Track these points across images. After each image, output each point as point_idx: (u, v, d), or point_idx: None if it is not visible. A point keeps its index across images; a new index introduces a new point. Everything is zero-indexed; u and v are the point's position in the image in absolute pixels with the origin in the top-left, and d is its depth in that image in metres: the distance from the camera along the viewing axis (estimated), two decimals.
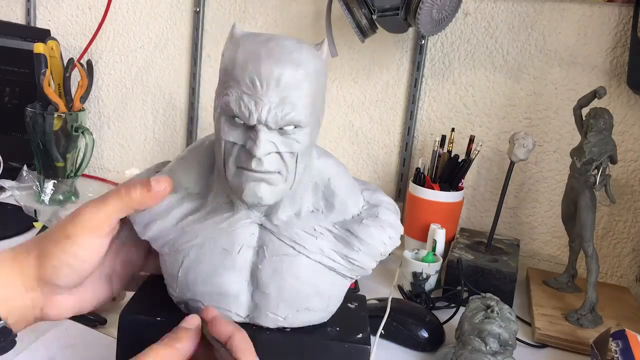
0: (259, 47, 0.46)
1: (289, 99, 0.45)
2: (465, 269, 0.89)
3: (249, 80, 0.45)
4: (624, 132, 1.03)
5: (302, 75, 0.46)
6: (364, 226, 0.52)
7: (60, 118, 1.12)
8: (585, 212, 0.85)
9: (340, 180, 0.54)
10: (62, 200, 1.16)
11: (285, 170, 0.48)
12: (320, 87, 0.48)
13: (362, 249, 0.52)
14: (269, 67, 0.45)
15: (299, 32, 1.21)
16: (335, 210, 0.53)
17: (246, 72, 0.45)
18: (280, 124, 0.46)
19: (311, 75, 0.47)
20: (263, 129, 0.45)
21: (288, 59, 0.46)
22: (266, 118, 0.45)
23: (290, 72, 0.45)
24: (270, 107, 0.45)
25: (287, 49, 0.46)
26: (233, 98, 0.46)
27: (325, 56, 0.50)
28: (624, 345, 0.67)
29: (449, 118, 1.13)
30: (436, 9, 0.92)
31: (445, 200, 1.02)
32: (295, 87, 0.45)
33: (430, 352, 0.74)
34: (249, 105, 0.45)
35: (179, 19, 1.31)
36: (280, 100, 0.45)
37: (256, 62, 0.45)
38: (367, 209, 0.55)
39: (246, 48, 0.46)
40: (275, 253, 0.50)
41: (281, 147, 0.47)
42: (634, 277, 1.05)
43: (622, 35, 1.00)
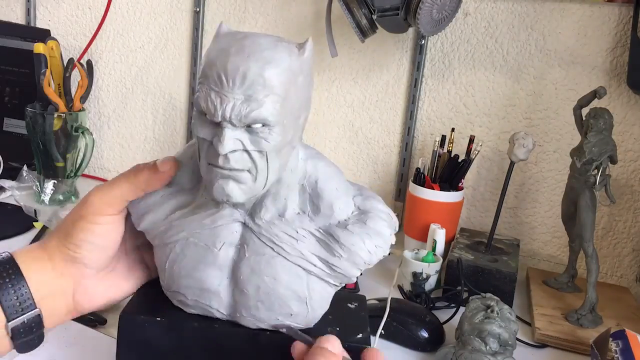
0: (232, 44, 0.46)
1: (255, 96, 0.45)
2: (465, 269, 0.89)
3: (216, 76, 0.45)
4: (624, 132, 1.03)
5: (270, 74, 0.45)
6: (347, 232, 0.51)
7: (60, 118, 1.12)
8: (585, 212, 0.85)
9: (328, 183, 0.53)
10: (62, 200, 1.16)
11: (254, 169, 0.47)
12: (295, 87, 0.47)
13: (344, 256, 0.51)
14: (236, 64, 0.44)
15: (299, 32, 1.21)
16: (321, 213, 0.52)
17: (214, 68, 0.45)
18: (245, 121, 0.45)
19: (282, 73, 0.45)
20: (227, 126, 0.45)
21: (258, 56, 0.45)
22: (230, 115, 0.45)
23: (257, 69, 0.44)
24: (235, 103, 0.44)
25: (260, 46, 0.46)
26: (202, 94, 0.46)
27: (308, 55, 0.48)
28: (624, 345, 0.67)
29: (449, 118, 1.13)
30: (436, 9, 0.92)
31: (445, 200, 1.02)
32: (262, 84, 0.45)
33: (430, 352, 0.74)
34: (215, 102, 0.45)
35: (179, 19, 1.31)
36: (245, 98, 0.45)
37: (225, 58, 0.45)
38: (356, 215, 0.53)
39: (220, 45, 0.46)
40: (254, 252, 0.50)
41: (249, 146, 0.46)
42: (634, 277, 1.04)
43: (622, 35, 1.00)
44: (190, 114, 1.32)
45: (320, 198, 0.52)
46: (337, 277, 0.52)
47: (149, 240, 0.54)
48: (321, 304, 0.53)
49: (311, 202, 0.52)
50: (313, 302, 0.52)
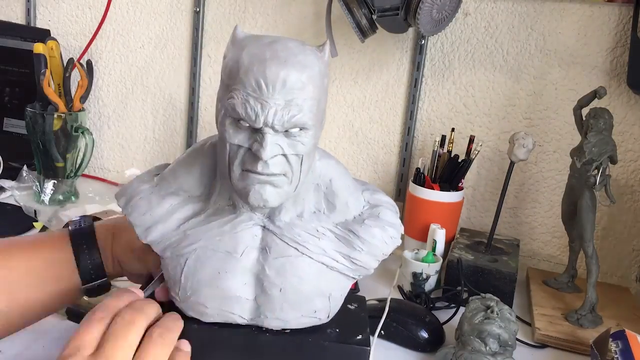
0: (264, 49, 0.46)
1: (295, 101, 0.45)
2: (465, 269, 0.89)
3: (254, 83, 0.45)
4: (624, 132, 1.03)
5: (307, 78, 0.46)
6: (365, 226, 0.53)
7: (60, 118, 1.12)
8: (585, 212, 0.85)
9: (342, 181, 0.54)
10: (62, 200, 1.16)
11: (290, 172, 0.48)
12: (323, 89, 0.49)
13: (365, 249, 0.53)
14: (275, 70, 0.45)
15: (299, 32, 1.21)
16: (337, 210, 0.54)
17: (252, 75, 0.45)
18: (287, 126, 0.46)
19: (315, 77, 0.47)
20: (269, 132, 0.46)
21: (294, 61, 0.46)
22: (272, 120, 0.45)
23: (296, 74, 0.45)
24: (277, 109, 0.45)
25: (292, 51, 0.46)
26: (239, 101, 0.45)
27: (327, 58, 0.50)
28: (623, 345, 0.67)
29: (449, 118, 1.13)
30: (436, 9, 0.92)
31: (445, 200, 1.02)
32: (301, 89, 0.46)
33: (430, 352, 0.74)
34: (255, 108, 0.45)
35: (179, 19, 1.31)
36: (286, 103, 0.45)
37: (261, 64, 0.45)
38: (368, 209, 0.55)
39: (251, 50, 0.46)
40: (278, 254, 0.51)
41: (287, 150, 0.47)
42: (634, 277, 1.04)
43: (622, 35, 1.00)
44: (189, 114, 1.33)
45: (335, 196, 0.54)
46: (357, 270, 0.54)
47: (157, 252, 0.53)
48: (341, 298, 0.55)
49: (326, 200, 0.54)
50: (334, 296, 0.54)
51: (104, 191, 1.27)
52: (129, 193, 0.55)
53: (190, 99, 1.32)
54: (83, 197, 1.20)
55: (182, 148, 1.35)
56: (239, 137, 0.47)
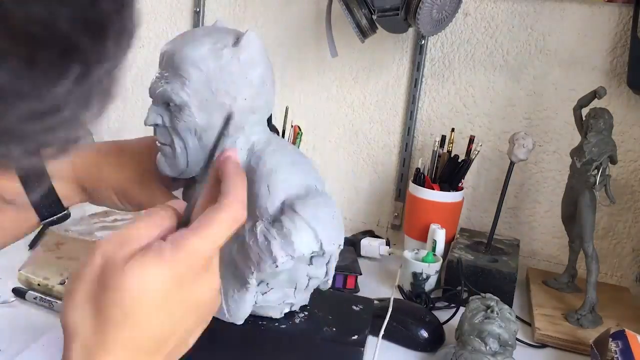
0: (184, 33, 0.54)
1: (166, 76, 0.51)
2: (465, 269, 0.89)
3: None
4: (624, 132, 1.02)
5: (182, 59, 0.50)
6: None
7: None
8: (585, 212, 0.85)
9: (265, 179, 0.53)
10: None
11: (172, 144, 0.53)
12: (219, 75, 0.51)
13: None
14: (166, 46, 0.52)
15: (299, 32, 1.21)
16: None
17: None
18: (157, 97, 0.52)
19: (200, 60, 0.50)
20: (152, 101, 0.53)
21: (181, 42, 0.51)
22: (150, 89, 0.53)
23: (171, 52, 0.51)
24: (155, 80, 0.52)
25: (193, 35, 0.52)
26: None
27: (245, 45, 0.51)
28: (623, 345, 0.67)
29: (449, 118, 1.13)
30: (436, 9, 0.92)
31: (445, 200, 1.02)
32: (174, 67, 0.51)
33: (430, 352, 0.74)
34: (153, 78, 0.53)
35: (179, 19, 1.30)
36: (161, 76, 0.52)
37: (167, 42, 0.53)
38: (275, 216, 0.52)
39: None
40: None
41: (167, 122, 0.53)
42: (634, 277, 1.04)
43: (622, 35, 1.00)
44: None
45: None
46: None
47: None
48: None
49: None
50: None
51: None
52: None
53: None
54: None
55: None
56: None
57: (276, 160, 0.53)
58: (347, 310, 0.57)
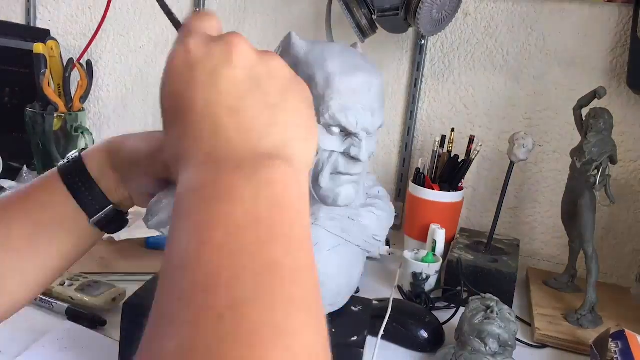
0: (346, 57, 0.55)
1: (377, 107, 0.55)
2: (465, 269, 0.89)
3: (350, 91, 0.53)
4: (624, 132, 1.02)
5: (382, 86, 0.57)
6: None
7: (60, 118, 1.12)
8: (586, 212, 0.85)
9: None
10: None
11: (364, 171, 0.57)
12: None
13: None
14: (362, 79, 0.53)
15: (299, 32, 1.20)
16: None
17: (343, 84, 0.52)
18: (373, 130, 0.54)
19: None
20: (364, 136, 0.54)
21: (372, 70, 0.55)
22: (366, 125, 0.53)
23: (377, 82, 0.55)
24: (368, 115, 0.54)
25: (362, 59, 0.55)
26: (336, 109, 0.52)
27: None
28: (623, 345, 0.67)
29: (449, 118, 1.13)
30: (436, 9, 0.92)
31: (445, 200, 1.02)
32: (380, 96, 0.56)
33: (430, 352, 0.74)
34: (354, 115, 0.53)
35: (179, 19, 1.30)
36: (372, 110, 0.53)
37: (351, 73, 0.53)
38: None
39: (337, 57, 0.55)
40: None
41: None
42: (634, 277, 1.04)
43: (622, 35, 1.00)
44: None
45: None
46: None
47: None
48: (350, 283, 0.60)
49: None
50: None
51: None
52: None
53: None
54: None
55: None
56: (329, 143, 0.52)
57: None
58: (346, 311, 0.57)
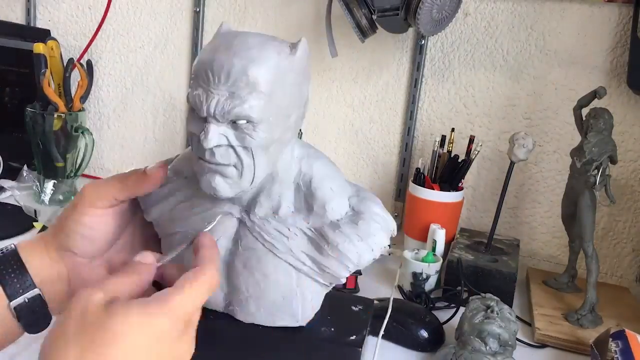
0: (222, 43, 0.47)
1: (238, 93, 0.46)
2: (465, 269, 0.89)
3: (204, 73, 0.46)
4: (624, 132, 1.02)
5: (255, 71, 0.46)
6: (338, 232, 0.51)
7: (60, 118, 1.12)
8: (585, 212, 0.85)
9: (323, 183, 0.53)
10: (62, 200, 1.16)
11: (240, 164, 0.48)
12: (283, 86, 0.48)
13: (333, 256, 0.51)
14: (221, 61, 0.46)
15: (299, 32, 1.20)
16: (314, 213, 0.52)
17: (203, 65, 0.46)
18: (228, 117, 0.46)
19: (268, 72, 0.46)
20: (212, 121, 0.47)
21: (244, 54, 0.46)
22: (214, 110, 0.46)
23: (240, 66, 0.46)
24: (219, 99, 0.46)
25: (247, 44, 0.47)
26: (191, 90, 0.47)
27: (300, 55, 0.49)
28: (623, 345, 0.67)
29: (449, 118, 1.13)
30: (436, 9, 0.92)
31: (445, 200, 1.02)
32: (246, 82, 0.46)
33: (430, 352, 0.74)
34: (201, 97, 0.46)
35: (179, 19, 1.30)
36: (229, 94, 0.46)
37: (212, 56, 0.46)
38: (349, 216, 0.53)
39: (212, 43, 0.48)
40: (247, 248, 0.51)
41: (233, 141, 0.47)
42: (634, 277, 1.04)
43: (622, 35, 1.00)
44: None
45: (313, 197, 0.52)
46: (325, 276, 0.52)
47: (157, 232, 0.55)
48: (312, 303, 0.54)
49: (305, 200, 0.52)
50: (303, 300, 0.53)
51: None
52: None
53: None
54: None
55: (182, 148, 1.35)
56: (193, 125, 0.49)
57: (323, 163, 0.54)
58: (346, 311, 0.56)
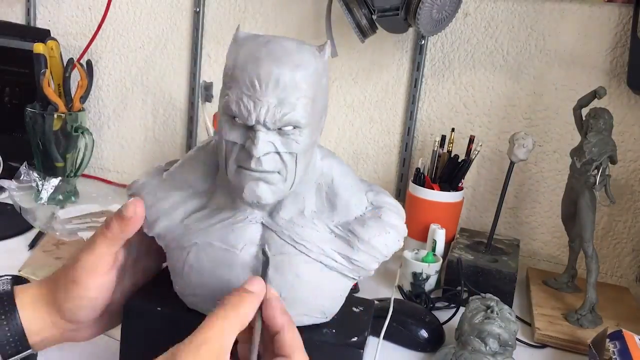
0: (260, 48, 0.47)
1: (288, 99, 0.46)
2: (465, 269, 0.89)
3: (248, 81, 0.46)
4: (624, 132, 1.02)
5: (301, 76, 0.46)
6: (367, 227, 0.53)
7: (60, 118, 1.12)
8: (585, 212, 0.85)
9: (344, 181, 0.55)
10: (62, 200, 1.16)
11: (284, 170, 0.49)
12: (320, 89, 0.49)
13: (364, 250, 0.53)
14: (268, 68, 0.45)
15: (299, 32, 1.20)
16: (338, 210, 0.54)
17: (246, 73, 0.46)
18: (279, 124, 0.46)
19: (311, 76, 0.47)
20: (261, 129, 0.46)
21: (287, 60, 0.46)
22: (264, 118, 0.46)
23: (289, 73, 0.46)
24: (269, 107, 0.46)
25: (287, 50, 0.47)
26: (233, 98, 0.46)
27: (327, 57, 0.50)
28: (621, 346, 0.67)
29: (449, 118, 1.13)
30: (436, 9, 0.92)
31: (445, 200, 1.02)
32: (294, 88, 0.46)
33: (430, 352, 0.74)
34: (248, 106, 0.46)
35: (179, 19, 1.30)
36: (278, 101, 0.46)
37: (255, 63, 0.46)
38: (370, 210, 0.55)
39: (247, 49, 0.47)
40: (277, 251, 0.51)
41: (280, 148, 0.47)
42: (634, 277, 1.04)
43: (622, 35, 1.00)
44: (189, 114, 1.32)
45: (337, 196, 0.54)
46: (356, 270, 0.54)
47: (161, 245, 0.54)
48: (340, 298, 0.55)
49: (328, 200, 0.54)
50: (334, 296, 0.54)
51: (104, 191, 1.27)
52: (137, 187, 0.56)
53: (190, 99, 1.32)
54: (83, 197, 1.20)
55: (182, 148, 1.35)
56: (233, 134, 0.48)
57: (339, 162, 0.56)
58: (347, 312, 0.56)
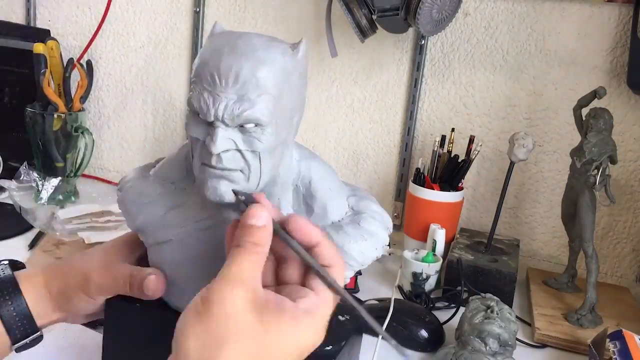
0: (225, 44, 0.46)
1: (247, 95, 0.44)
2: (465, 269, 0.89)
3: (209, 76, 0.45)
4: (624, 132, 1.02)
5: (263, 73, 0.45)
6: (342, 233, 0.51)
7: (60, 118, 1.12)
8: (585, 212, 0.85)
9: (323, 184, 0.52)
10: (62, 200, 1.16)
11: (247, 169, 0.47)
12: (289, 87, 0.47)
13: None
14: (229, 63, 0.44)
15: (299, 32, 1.20)
16: (315, 214, 0.52)
17: (207, 68, 0.45)
18: (238, 121, 0.45)
19: (276, 73, 0.45)
20: (220, 126, 0.45)
21: (251, 55, 0.45)
22: (223, 114, 0.44)
23: (250, 68, 0.44)
24: (228, 103, 0.44)
25: (253, 45, 0.46)
26: (195, 94, 0.46)
27: (302, 55, 0.48)
28: (621, 345, 0.67)
29: (449, 118, 1.13)
30: (436, 9, 0.92)
31: (445, 200, 1.02)
32: (255, 84, 0.44)
33: (430, 352, 0.74)
34: (208, 101, 0.45)
35: (179, 19, 1.30)
36: (238, 97, 0.44)
37: (217, 57, 0.45)
38: (349, 216, 0.53)
39: (213, 44, 0.46)
40: None
41: (241, 145, 0.46)
42: (634, 277, 1.04)
43: (622, 35, 1.00)
44: None
45: (313, 198, 0.52)
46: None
47: (143, 241, 0.54)
48: None
49: (305, 202, 0.52)
50: None
51: (104, 191, 1.27)
52: (124, 182, 0.57)
53: None
54: (83, 197, 1.20)
55: None
56: (197, 130, 0.47)
57: (320, 164, 0.54)
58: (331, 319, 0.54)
